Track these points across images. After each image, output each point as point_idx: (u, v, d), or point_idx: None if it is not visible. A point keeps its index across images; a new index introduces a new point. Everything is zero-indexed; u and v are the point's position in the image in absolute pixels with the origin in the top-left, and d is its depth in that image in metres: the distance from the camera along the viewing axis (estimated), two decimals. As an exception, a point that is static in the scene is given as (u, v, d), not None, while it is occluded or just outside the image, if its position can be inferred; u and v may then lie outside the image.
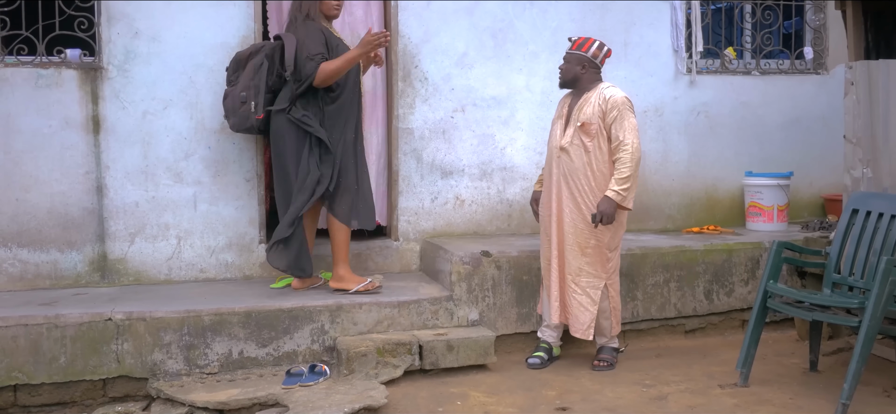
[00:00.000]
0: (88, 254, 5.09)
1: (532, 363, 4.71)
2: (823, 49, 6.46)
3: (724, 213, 6.27)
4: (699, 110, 6.18)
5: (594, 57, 4.63)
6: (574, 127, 4.55)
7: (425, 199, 5.66)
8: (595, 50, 4.64)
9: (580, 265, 4.62)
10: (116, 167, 5.09)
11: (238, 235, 5.32)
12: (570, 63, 4.65)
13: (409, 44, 5.56)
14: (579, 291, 4.63)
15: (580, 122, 4.53)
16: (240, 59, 4.87)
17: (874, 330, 3.92)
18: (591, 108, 4.53)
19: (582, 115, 4.54)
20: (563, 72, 4.67)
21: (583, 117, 4.53)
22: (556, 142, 4.65)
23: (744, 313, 5.43)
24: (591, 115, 4.51)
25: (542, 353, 4.74)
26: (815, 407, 4.05)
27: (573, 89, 4.69)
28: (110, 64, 5.05)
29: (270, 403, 4.10)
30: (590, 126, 4.50)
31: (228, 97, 4.87)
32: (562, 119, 4.67)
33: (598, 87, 4.61)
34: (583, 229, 4.58)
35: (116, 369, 4.36)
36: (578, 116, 4.55)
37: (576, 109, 4.59)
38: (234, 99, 4.82)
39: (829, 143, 6.24)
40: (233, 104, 4.82)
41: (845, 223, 4.59)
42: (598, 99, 4.54)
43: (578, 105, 4.59)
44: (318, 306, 4.63)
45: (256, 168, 5.31)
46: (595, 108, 4.52)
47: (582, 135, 4.53)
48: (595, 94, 4.58)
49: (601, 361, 4.72)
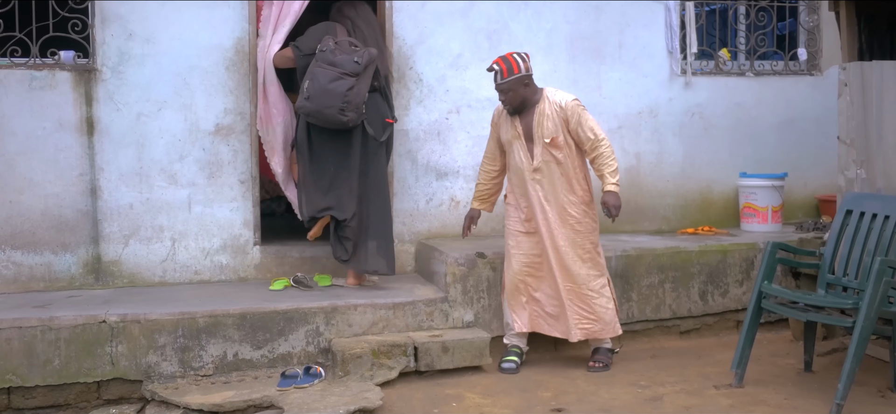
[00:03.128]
0: (82, 256, 5.07)
1: (507, 368, 4.67)
2: (817, 50, 6.48)
3: (718, 214, 6.28)
4: (694, 111, 6.19)
5: (528, 71, 4.59)
6: (541, 145, 4.57)
7: (420, 201, 5.65)
8: (524, 63, 4.56)
9: (587, 272, 4.65)
10: (110, 169, 5.08)
11: (233, 236, 5.31)
12: (513, 89, 4.53)
13: (403, 45, 5.55)
14: (596, 295, 4.65)
15: (548, 139, 4.55)
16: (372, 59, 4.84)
17: (868, 330, 3.93)
18: (551, 122, 4.55)
19: (545, 131, 4.55)
20: (511, 99, 4.55)
21: (548, 133, 4.55)
22: (524, 164, 4.63)
23: (738, 314, 5.43)
24: (555, 128, 4.55)
25: (516, 357, 4.73)
26: (809, 407, 4.06)
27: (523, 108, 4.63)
28: (104, 66, 5.04)
29: (265, 405, 4.10)
30: (557, 139, 4.55)
31: (354, 89, 4.74)
32: (519, 139, 4.63)
33: (545, 98, 4.60)
34: (577, 240, 4.64)
35: (111, 372, 4.35)
36: (542, 133, 4.56)
37: (535, 127, 4.58)
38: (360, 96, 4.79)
39: (823, 144, 6.25)
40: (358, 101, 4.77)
41: (839, 224, 4.60)
42: (552, 110, 4.56)
43: (536, 122, 4.58)
44: (313, 308, 4.62)
45: (251, 170, 5.31)
46: (554, 120, 4.55)
47: (552, 150, 4.57)
48: (546, 105, 4.57)
49: (597, 362, 4.72)
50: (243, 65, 5.24)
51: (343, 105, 4.72)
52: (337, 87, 4.71)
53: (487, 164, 4.93)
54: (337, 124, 4.78)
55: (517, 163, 4.69)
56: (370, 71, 4.86)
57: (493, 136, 4.85)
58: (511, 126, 4.67)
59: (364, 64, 4.79)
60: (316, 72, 4.77)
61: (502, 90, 4.56)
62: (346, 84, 4.73)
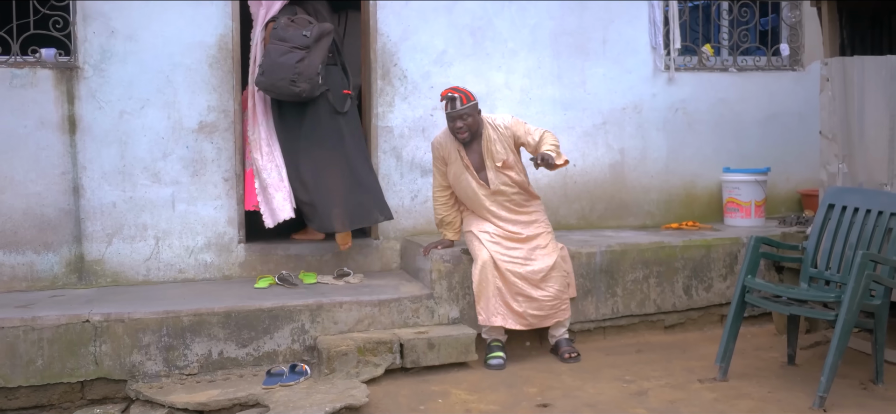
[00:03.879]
0: (65, 255, 5.04)
1: (495, 364, 4.67)
2: (799, 46, 6.52)
3: (702, 209, 6.32)
4: (677, 107, 6.22)
5: (478, 102, 4.78)
6: (494, 170, 4.75)
7: (405, 198, 5.65)
8: (474, 96, 4.74)
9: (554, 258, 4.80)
10: (93, 167, 5.05)
11: (217, 234, 5.29)
12: (472, 115, 4.68)
13: (387, 42, 5.55)
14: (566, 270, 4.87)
15: (499, 163, 4.74)
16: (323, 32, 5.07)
17: (850, 323, 3.97)
18: (499, 146, 4.74)
19: (496, 156, 4.74)
20: (470, 124, 4.68)
21: (498, 158, 4.74)
22: (479, 191, 4.78)
23: (722, 308, 5.47)
24: (504, 150, 4.75)
25: (501, 352, 4.73)
26: (793, 400, 4.09)
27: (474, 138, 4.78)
28: (86, 63, 5.00)
29: (251, 403, 4.08)
30: (508, 160, 4.76)
31: (305, 61, 4.97)
32: (468, 170, 4.76)
33: (486, 125, 4.77)
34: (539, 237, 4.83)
35: (95, 371, 4.32)
36: (494, 159, 4.74)
37: (485, 154, 4.75)
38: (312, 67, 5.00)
39: (806, 138, 6.30)
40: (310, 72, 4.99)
41: (821, 218, 4.63)
42: (497, 135, 4.75)
43: (485, 148, 4.75)
44: (299, 306, 4.61)
45: (235, 167, 5.29)
46: (501, 143, 4.75)
47: (505, 172, 4.77)
48: (490, 131, 4.76)
49: (571, 352, 4.76)
50: (227, 62, 5.22)
51: (294, 76, 4.94)
52: (287, 60, 4.94)
53: (440, 193, 4.96)
54: (291, 95, 5.01)
55: (470, 193, 4.83)
56: (323, 44, 5.07)
57: (439, 169, 4.91)
58: (458, 159, 4.79)
59: (313, 37, 5.00)
60: (269, 48, 5.02)
61: (462, 116, 4.66)
62: (296, 56, 4.95)
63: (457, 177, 4.83)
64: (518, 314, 4.71)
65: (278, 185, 5.14)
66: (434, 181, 4.99)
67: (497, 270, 4.70)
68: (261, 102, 5.26)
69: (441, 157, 4.88)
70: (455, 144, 4.79)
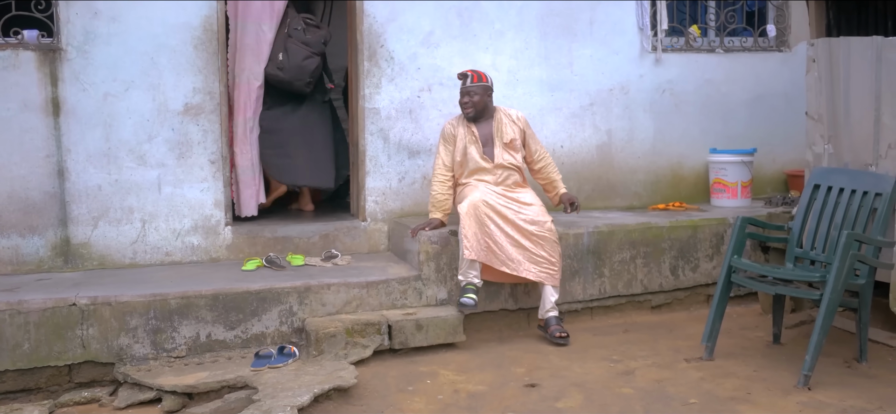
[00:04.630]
0: (51, 239, 5.01)
1: (467, 303, 4.68)
2: (786, 26, 6.54)
3: (689, 189, 6.34)
4: (664, 88, 6.23)
5: (491, 86, 5.07)
6: (501, 146, 5.00)
7: (393, 180, 5.64)
8: (490, 79, 5.07)
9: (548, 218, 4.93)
10: (78, 150, 5.01)
11: (204, 217, 5.26)
12: (479, 95, 4.96)
13: (374, 23, 5.52)
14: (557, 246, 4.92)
15: (507, 140, 5.00)
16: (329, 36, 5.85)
17: (835, 303, 4.00)
18: (509, 129, 5.03)
19: (504, 135, 5.02)
20: (476, 104, 4.96)
21: (506, 137, 5.01)
22: (485, 163, 4.97)
23: (709, 288, 5.50)
24: (514, 133, 5.04)
25: (474, 294, 4.72)
26: (778, 378, 4.12)
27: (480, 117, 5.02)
28: (69, 45, 4.95)
29: (239, 385, 4.08)
30: (515, 142, 5.03)
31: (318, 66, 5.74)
32: (476, 143, 4.98)
33: (500, 110, 5.09)
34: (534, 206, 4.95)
35: (82, 355, 4.31)
36: (502, 137, 5.01)
37: (495, 132, 5.02)
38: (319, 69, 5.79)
39: (792, 119, 6.32)
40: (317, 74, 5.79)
41: (807, 198, 4.66)
42: (509, 119, 5.06)
43: (495, 128, 5.03)
44: (286, 288, 4.61)
45: (221, 150, 5.26)
46: (512, 127, 5.04)
47: (510, 151, 5.02)
48: (502, 115, 5.07)
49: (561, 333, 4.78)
50: (212, 43, 5.18)
51: (309, 79, 5.71)
52: (308, 65, 5.65)
53: (441, 172, 5.03)
54: (298, 91, 5.74)
55: (474, 163, 4.98)
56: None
57: (447, 149, 5.04)
58: (468, 132, 5.01)
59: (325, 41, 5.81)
60: (291, 48, 5.59)
61: (469, 92, 4.97)
62: (315, 62, 5.69)
63: (464, 151, 4.97)
64: (505, 256, 4.74)
65: (249, 182, 5.54)
66: (437, 160, 5.05)
67: (489, 207, 4.76)
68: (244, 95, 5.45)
69: (451, 135, 5.03)
70: (466, 124, 5.01)
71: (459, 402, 3.92)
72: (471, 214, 4.70)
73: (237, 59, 5.47)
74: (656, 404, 3.82)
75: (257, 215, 5.65)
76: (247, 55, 5.49)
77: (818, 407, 3.75)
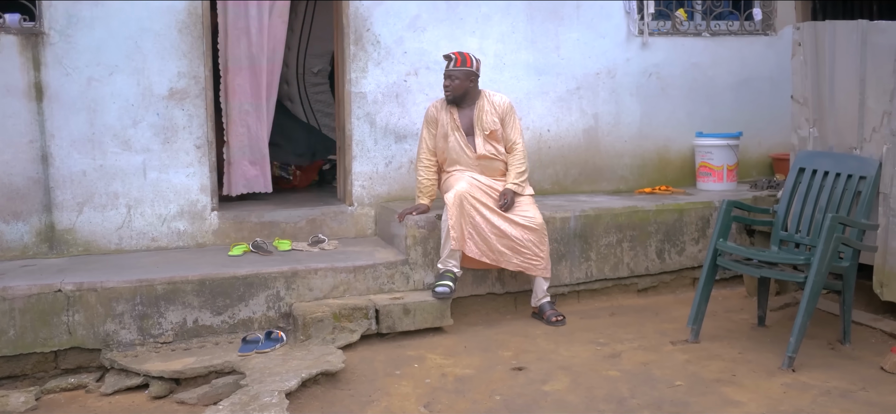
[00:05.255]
0: (35, 224, 4.97)
1: (442, 292, 4.67)
2: (772, 10, 6.55)
3: (675, 173, 6.36)
4: (651, 72, 6.24)
5: (477, 71, 4.93)
6: (482, 136, 4.90)
7: (379, 164, 5.63)
8: (476, 64, 4.93)
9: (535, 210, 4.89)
10: (62, 135, 4.97)
11: (190, 202, 5.24)
12: (460, 79, 4.86)
13: (360, 7, 5.49)
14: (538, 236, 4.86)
15: (487, 132, 4.89)
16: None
17: (819, 285, 4.03)
18: (489, 118, 4.91)
19: (485, 125, 4.90)
20: (455, 88, 4.87)
21: (487, 127, 4.90)
22: (467, 152, 4.90)
23: (694, 271, 5.53)
24: (493, 123, 4.90)
25: (451, 282, 4.72)
26: (763, 361, 4.16)
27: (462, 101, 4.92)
28: (52, 29, 4.90)
29: (227, 370, 4.08)
30: (496, 132, 4.91)
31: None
32: (458, 131, 4.91)
33: (484, 96, 4.96)
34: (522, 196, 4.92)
35: (68, 341, 4.29)
36: (482, 127, 4.90)
37: (476, 120, 4.91)
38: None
39: (777, 103, 6.35)
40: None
41: (792, 182, 4.69)
42: (490, 107, 4.93)
43: (477, 116, 4.92)
44: (274, 273, 4.60)
45: (207, 134, 5.23)
46: (492, 116, 4.91)
47: (491, 142, 4.91)
48: (485, 102, 4.94)
49: (557, 316, 4.82)
50: (196, 27, 5.14)
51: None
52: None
53: (426, 156, 5.01)
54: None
55: (456, 153, 4.93)
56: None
57: (430, 133, 5.00)
58: (449, 118, 4.93)
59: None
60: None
61: (450, 76, 4.87)
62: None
63: (445, 137, 4.93)
64: (487, 247, 4.75)
65: (239, 162, 5.53)
66: (421, 144, 5.03)
67: (475, 199, 4.75)
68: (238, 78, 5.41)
69: (434, 119, 4.98)
70: (448, 108, 4.93)
71: (447, 385, 3.94)
72: (456, 203, 4.70)
73: (228, 44, 5.40)
74: (642, 387, 3.85)
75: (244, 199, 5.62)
76: (239, 39, 5.41)
77: (802, 388, 3.78)
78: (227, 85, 5.44)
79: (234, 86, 5.44)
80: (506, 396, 3.78)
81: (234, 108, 5.46)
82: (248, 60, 5.44)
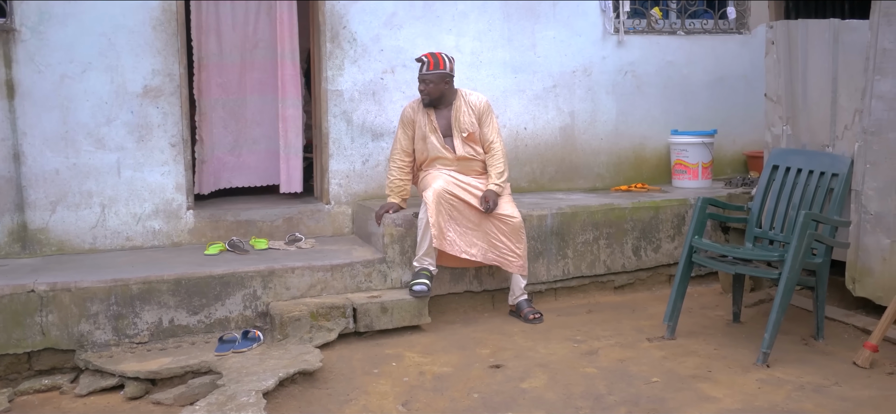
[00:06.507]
0: (7, 224, 4.90)
1: (419, 290, 4.66)
2: (746, 9, 6.61)
3: (651, 171, 6.40)
4: (626, 70, 6.27)
5: (451, 72, 4.87)
6: (461, 139, 4.87)
7: (356, 162, 5.62)
8: (450, 64, 4.86)
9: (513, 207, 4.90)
10: (34, 133, 4.90)
11: (165, 201, 5.19)
12: (435, 83, 4.80)
13: (336, 5, 5.47)
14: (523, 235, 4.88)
15: (465, 134, 4.87)
16: None
17: (793, 282, 4.08)
18: (467, 119, 4.87)
19: (463, 126, 4.87)
20: (431, 92, 4.82)
21: (465, 129, 4.87)
22: (446, 154, 4.87)
23: (670, 268, 5.57)
24: (471, 124, 4.87)
25: (427, 280, 4.72)
26: (738, 356, 4.20)
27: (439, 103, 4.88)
28: (23, 25, 4.83)
29: (203, 370, 4.05)
30: (473, 134, 4.88)
31: None
32: (436, 132, 4.88)
33: (460, 96, 4.91)
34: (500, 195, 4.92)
35: (42, 342, 4.24)
36: (460, 128, 4.87)
37: (453, 122, 4.88)
38: None
39: (751, 101, 6.41)
40: None
41: (766, 179, 4.73)
42: (467, 108, 4.89)
43: (454, 117, 4.88)
44: (250, 272, 4.57)
45: (182, 132, 5.18)
46: (470, 117, 4.87)
47: (470, 143, 4.89)
48: (462, 103, 4.89)
49: (534, 314, 4.83)
50: (171, 24, 5.09)
51: None
52: None
53: (400, 157, 4.98)
54: None
55: (435, 154, 4.90)
56: None
57: (406, 134, 4.96)
58: (426, 120, 4.89)
59: None
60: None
61: (424, 80, 4.81)
62: None
63: (424, 139, 4.90)
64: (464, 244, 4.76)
65: (211, 160, 5.53)
66: (395, 144, 4.99)
67: (453, 197, 4.75)
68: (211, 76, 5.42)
69: (410, 120, 4.94)
70: (425, 110, 4.88)
71: (425, 384, 3.94)
72: (435, 201, 4.69)
73: (202, 41, 5.39)
74: (619, 383, 3.87)
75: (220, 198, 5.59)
76: (210, 36, 5.42)
77: (777, 383, 3.82)
78: (199, 81, 5.41)
79: (207, 82, 5.42)
80: (484, 394, 3.79)
81: (208, 105, 5.45)
82: (220, 57, 5.44)
